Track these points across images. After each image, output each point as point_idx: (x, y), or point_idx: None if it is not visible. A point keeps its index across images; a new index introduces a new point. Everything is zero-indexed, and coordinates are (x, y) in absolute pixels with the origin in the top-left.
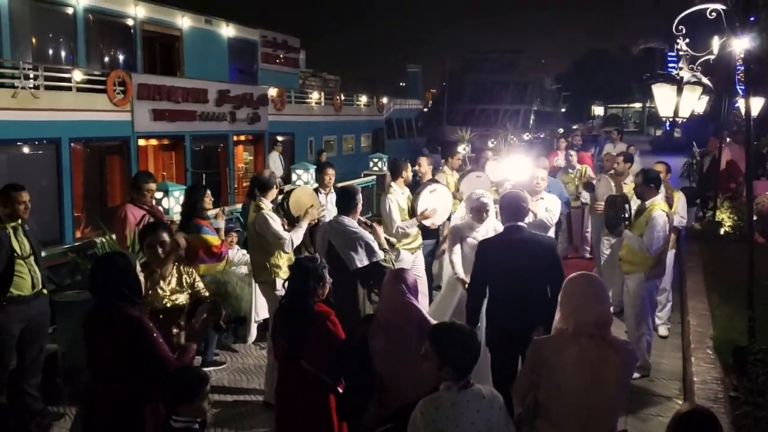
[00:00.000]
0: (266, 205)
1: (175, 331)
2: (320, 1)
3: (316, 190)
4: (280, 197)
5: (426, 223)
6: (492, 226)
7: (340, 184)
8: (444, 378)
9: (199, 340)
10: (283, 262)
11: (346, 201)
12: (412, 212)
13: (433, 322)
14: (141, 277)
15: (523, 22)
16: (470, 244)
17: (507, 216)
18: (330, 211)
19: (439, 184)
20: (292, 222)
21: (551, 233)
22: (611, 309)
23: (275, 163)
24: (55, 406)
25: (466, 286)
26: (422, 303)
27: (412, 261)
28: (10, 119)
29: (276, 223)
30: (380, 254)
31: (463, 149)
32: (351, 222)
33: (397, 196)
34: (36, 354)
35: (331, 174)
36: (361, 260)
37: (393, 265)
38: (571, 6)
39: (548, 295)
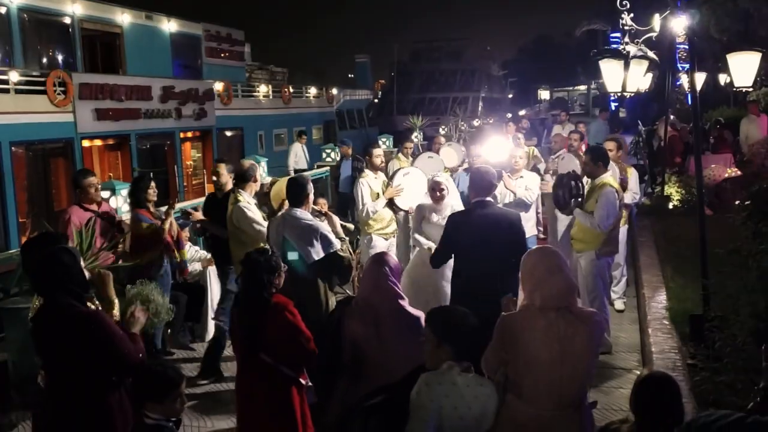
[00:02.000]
0: (244, 197)
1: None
2: None
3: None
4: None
5: (401, 206)
6: (451, 205)
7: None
8: (444, 358)
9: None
10: None
11: (296, 192)
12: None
13: (413, 310)
14: (86, 272)
15: (469, 11)
16: (434, 222)
17: (475, 191)
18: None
19: (413, 168)
20: (272, 214)
21: (531, 211)
22: (573, 279)
23: (297, 155)
24: (7, 417)
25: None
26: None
27: (386, 247)
28: None
29: (254, 213)
30: (336, 244)
31: (415, 137)
32: (304, 214)
33: (370, 179)
34: None
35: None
36: (318, 252)
37: (351, 254)
38: None
39: (514, 269)
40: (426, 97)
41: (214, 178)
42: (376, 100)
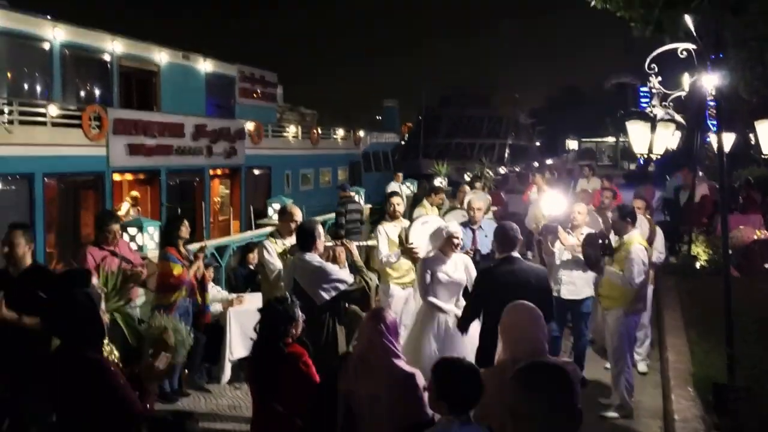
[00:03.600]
0: (273, 237)
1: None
2: (298, 38)
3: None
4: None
5: (420, 255)
6: (461, 260)
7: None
8: (441, 412)
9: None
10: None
11: (304, 238)
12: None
13: (407, 367)
14: (105, 317)
15: (498, 59)
16: (441, 278)
17: (502, 246)
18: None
19: (433, 217)
20: None
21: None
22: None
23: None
24: None
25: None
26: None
27: (404, 297)
28: None
29: (270, 255)
30: (347, 282)
31: (440, 182)
32: (313, 257)
33: (388, 228)
34: None
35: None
36: (329, 293)
37: (367, 280)
38: (546, 44)
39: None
40: (452, 142)
41: (6, 249)
42: (402, 143)
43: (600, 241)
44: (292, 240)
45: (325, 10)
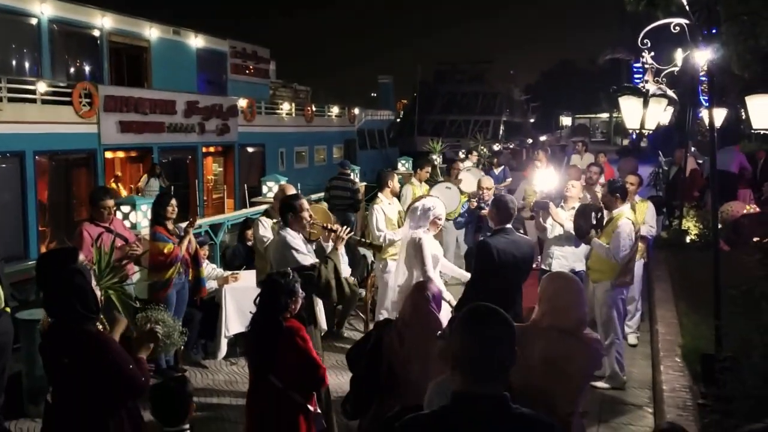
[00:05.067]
0: (269, 216)
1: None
2: (291, 14)
3: None
4: None
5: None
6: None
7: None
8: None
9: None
10: None
11: (281, 212)
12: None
13: None
14: (97, 290)
15: (492, 34)
16: (434, 255)
17: (500, 219)
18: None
19: (435, 199)
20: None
21: (583, 246)
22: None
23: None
24: (20, 427)
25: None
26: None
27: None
28: None
29: (266, 229)
30: (306, 260)
31: (435, 159)
32: (286, 233)
33: (384, 206)
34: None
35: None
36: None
37: (330, 274)
38: (540, 19)
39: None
40: (447, 119)
41: None
42: (397, 120)
43: (593, 214)
44: None
45: None
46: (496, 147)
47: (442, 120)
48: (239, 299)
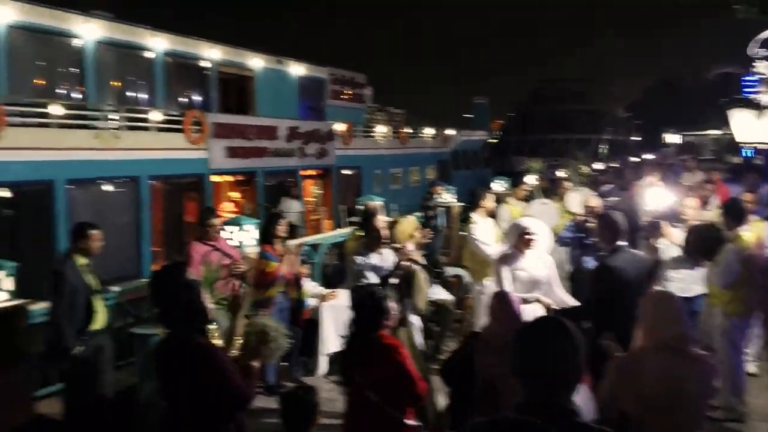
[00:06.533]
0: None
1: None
2: (387, 39)
3: None
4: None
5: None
6: (538, 256)
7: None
8: None
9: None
10: None
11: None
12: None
13: None
14: (208, 303)
15: (591, 51)
16: (520, 275)
17: (615, 235)
18: None
19: (532, 220)
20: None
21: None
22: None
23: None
24: None
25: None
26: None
27: None
28: (93, 159)
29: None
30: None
31: (535, 180)
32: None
33: (479, 226)
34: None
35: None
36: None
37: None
38: (640, 35)
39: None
40: (546, 138)
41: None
42: (493, 141)
43: (708, 234)
44: None
45: (410, 11)
46: (600, 166)
47: (540, 139)
48: (336, 317)
